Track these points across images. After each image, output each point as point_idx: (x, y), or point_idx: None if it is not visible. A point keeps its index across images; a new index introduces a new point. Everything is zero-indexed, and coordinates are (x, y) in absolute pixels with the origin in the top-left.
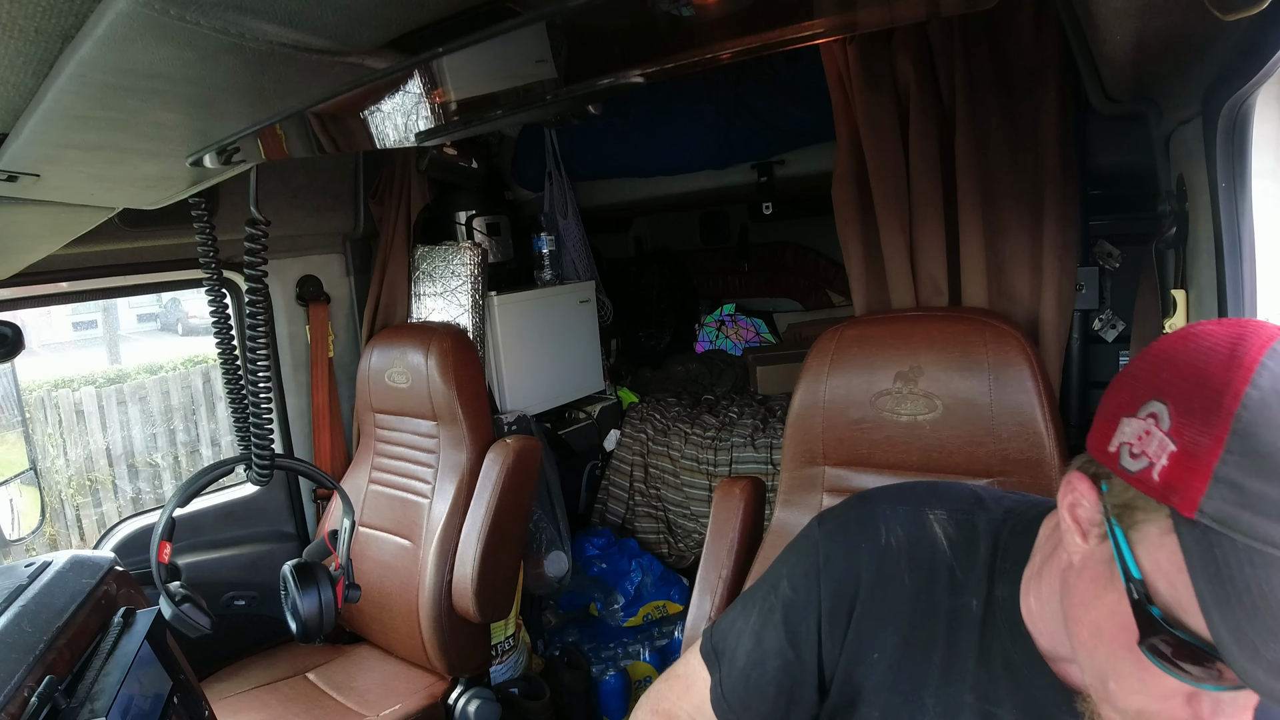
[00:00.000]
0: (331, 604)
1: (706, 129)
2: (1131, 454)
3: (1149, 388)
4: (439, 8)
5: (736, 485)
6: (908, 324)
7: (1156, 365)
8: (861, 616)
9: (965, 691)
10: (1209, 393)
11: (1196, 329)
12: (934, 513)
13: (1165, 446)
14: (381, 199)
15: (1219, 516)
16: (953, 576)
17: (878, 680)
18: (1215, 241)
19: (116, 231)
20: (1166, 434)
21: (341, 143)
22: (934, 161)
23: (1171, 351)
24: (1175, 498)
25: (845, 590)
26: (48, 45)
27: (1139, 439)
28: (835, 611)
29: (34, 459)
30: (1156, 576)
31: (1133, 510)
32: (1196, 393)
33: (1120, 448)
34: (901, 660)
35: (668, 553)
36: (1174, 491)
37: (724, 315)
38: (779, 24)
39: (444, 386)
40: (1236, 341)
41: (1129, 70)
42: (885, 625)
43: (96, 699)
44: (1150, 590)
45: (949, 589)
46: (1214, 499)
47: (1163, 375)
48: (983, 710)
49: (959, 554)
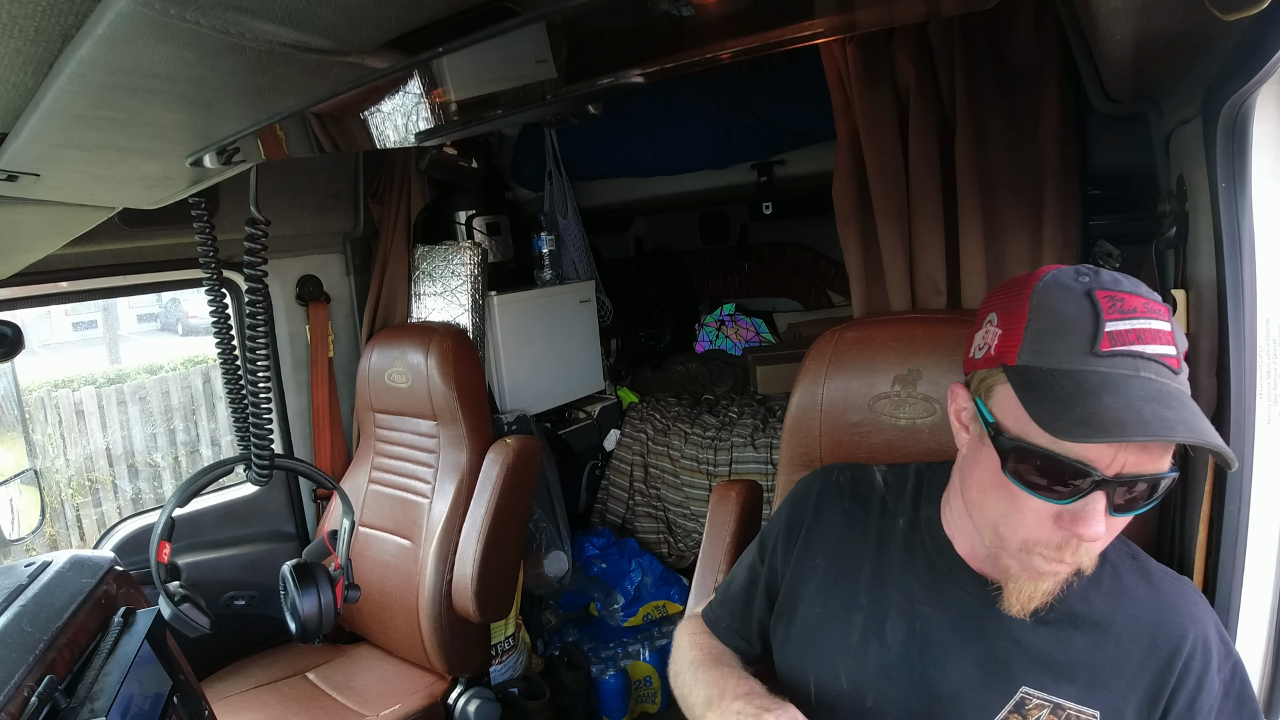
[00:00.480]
0: (331, 604)
1: (706, 129)
2: (977, 349)
3: (987, 307)
4: (439, 8)
5: (733, 488)
6: (906, 326)
7: (992, 295)
8: (808, 535)
9: (893, 590)
10: (1015, 294)
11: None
12: (879, 468)
13: (995, 334)
14: (381, 199)
15: (1029, 358)
16: (884, 504)
17: (816, 585)
18: (1215, 241)
19: (116, 231)
20: (995, 326)
21: (341, 142)
22: (934, 161)
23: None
24: (1005, 357)
25: (798, 516)
26: (48, 45)
27: (982, 339)
28: (790, 531)
29: (34, 459)
30: (1003, 415)
31: (983, 382)
32: (1010, 299)
33: (973, 351)
34: (840, 567)
35: (667, 552)
36: (1003, 355)
37: (724, 315)
38: (779, 24)
39: (444, 386)
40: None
41: (1129, 70)
42: (827, 537)
43: (96, 699)
44: (1000, 426)
45: (880, 513)
46: (1025, 350)
47: (992, 299)
48: (907, 607)
49: (891, 489)
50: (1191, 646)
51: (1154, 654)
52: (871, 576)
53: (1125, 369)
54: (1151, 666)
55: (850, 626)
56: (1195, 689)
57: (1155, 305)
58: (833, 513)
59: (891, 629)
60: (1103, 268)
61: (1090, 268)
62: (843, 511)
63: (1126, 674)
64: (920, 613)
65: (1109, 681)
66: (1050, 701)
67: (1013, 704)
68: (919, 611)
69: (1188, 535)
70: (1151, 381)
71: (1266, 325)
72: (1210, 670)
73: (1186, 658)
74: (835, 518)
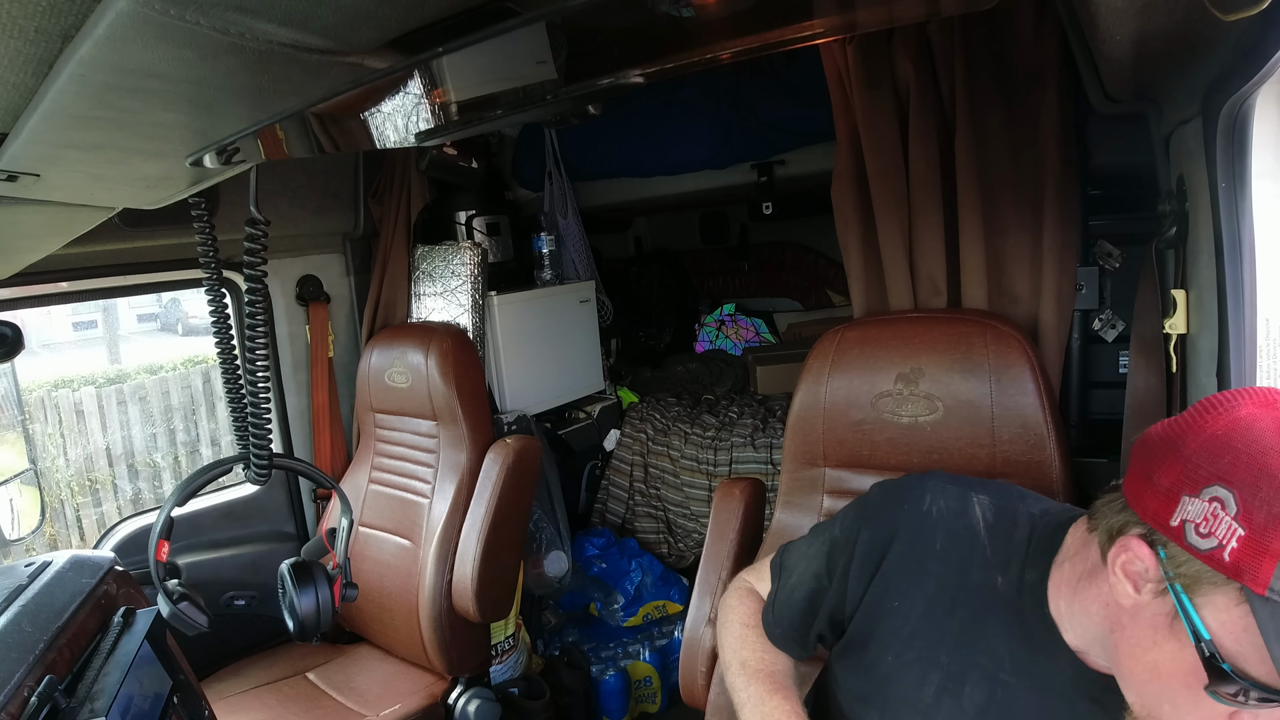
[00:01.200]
0: (329, 603)
1: (706, 129)
2: (1199, 533)
3: (1207, 472)
4: (439, 7)
5: (736, 486)
6: (908, 325)
7: (1213, 451)
8: (891, 567)
9: (978, 654)
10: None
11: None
12: (978, 496)
13: (1234, 530)
14: (381, 199)
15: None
16: (984, 554)
17: (893, 628)
18: (1215, 241)
19: (116, 231)
20: (1234, 519)
21: (341, 143)
22: (934, 161)
23: (1226, 437)
24: (1246, 576)
25: (880, 540)
26: (48, 45)
27: (1204, 520)
28: (868, 556)
29: (34, 459)
30: (1223, 636)
31: (1199, 582)
32: (1263, 483)
33: (1184, 525)
34: (923, 617)
35: (667, 552)
36: (1244, 571)
37: (724, 315)
38: (779, 24)
39: (444, 386)
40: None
41: (1129, 70)
42: (912, 582)
43: (96, 699)
44: (1218, 647)
45: (979, 564)
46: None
47: (1222, 461)
48: (991, 673)
49: (994, 535)
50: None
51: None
52: (958, 635)
53: None
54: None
55: (925, 683)
56: None
57: None
58: (925, 551)
59: (970, 693)
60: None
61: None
62: (934, 555)
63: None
64: (1005, 682)
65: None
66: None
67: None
68: (1003, 681)
69: None
70: None
71: (1266, 325)
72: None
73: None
74: (925, 560)
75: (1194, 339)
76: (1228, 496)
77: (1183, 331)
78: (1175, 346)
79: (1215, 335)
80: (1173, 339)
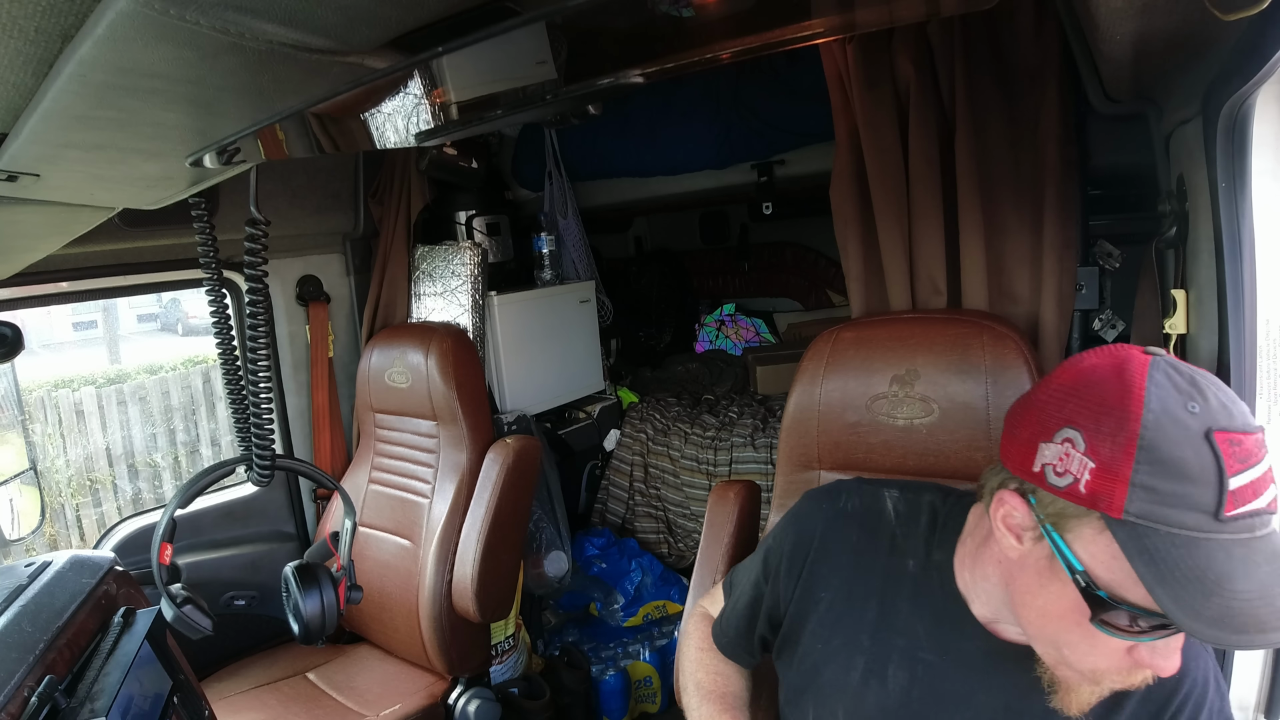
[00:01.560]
0: (334, 605)
1: (706, 129)
2: (1056, 473)
3: (1057, 418)
4: (439, 7)
5: (731, 489)
6: (904, 326)
7: (1060, 398)
8: (814, 563)
9: (897, 636)
10: (1114, 417)
11: (1085, 365)
12: (889, 491)
13: (1085, 464)
14: (381, 199)
15: (1142, 514)
16: (894, 541)
17: (819, 620)
18: (1215, 241)
19: (116, 231)
20: (1084, 454)
21: (341, 143)
22: (934, 161)
23: (1071, 385)
24: (1102, 504)
25: (804, 540)
26: (48, 45)
27: (1059, 460)
28: (795, 557)
29: (34, 459)
30: (1095, 566)
31: (1065, 517)
32: (1104, 418)
33: (1044, 468)
34: (845, 606)
35: (668, 552)
36: (1100, 499)
37: (724, 315)
38: (779, 24)
39: (444, 386)
40: (1120, 370)
41: (1129, 70)
42: (833, 572)
43: (96, 699)
44: (1092, 577)
45: (889, 551)
46: (1135, 501)
47: (1069, 406)
48: (911, 653)
49: (904, 523)
50: (1189, 688)
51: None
52: (877, 618)
53: (1244, 532)
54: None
55: (851, 667)
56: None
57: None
58: (840, 546)
59: (894, 674)
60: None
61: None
62: (850, 546)
63: None
64: (925, 660)
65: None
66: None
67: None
68: (923, 659)
69: None
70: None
71: (1266, 325)
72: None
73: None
74: (842, 552)
75: (1194, 339)
76: (1076, 436)
77: (1183, 331)
78: (1175, 346)
79: (1215, 335)
80: (1173, 339)
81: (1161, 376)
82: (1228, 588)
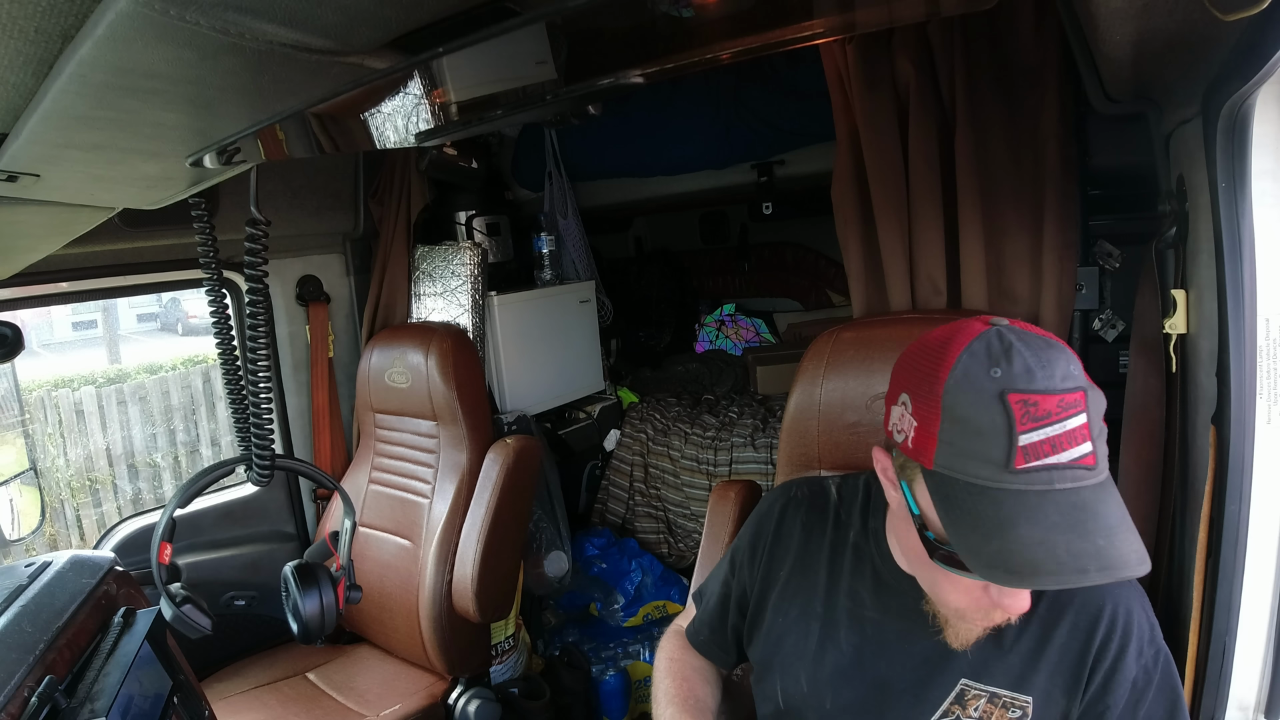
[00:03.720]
0: (333, 605)
1: (706, 129)
2: (897, 431)
3: (900, 384)
4: (439, 8)
5: (731, 489)
6: (904, 327)
7: (904, 366)
8: (771, 546)
9: (844, 599)
10: (928, 383)
11: (926, 335)
12: (833, 479)
13: (910, 424)
14: (381, 199)
15: (945, 465)
16: (837, 517)
17: (779, 595)
18: (1215, 241)
19: (116, 231)
20: (910, 415)
21: (341, 143)
22: (934, 161)
23: (912, 354)
24: (921, 457)
25: (762, 529)
26: (48, 45)
27: (898, 421)
28: (755, 545)
29: (34, 459)
30: (926, 509)
31: (905, 469)
32: (923, 384)
33: (892, 429)
34: (800, 579)
35: (668, 552)
36: (919, 453)
37: (724, 315)
38: (779, 24)
39: (444, 386)
40: (946, 341)
41: (1129, 70)
42: (786, 552)
43: (96, 699)
44: (924, 521)
45: (833, 525)
46: (941, 454)
47: (903, 374)
48: (857, 614)
49: (844, 500)
50: (1110, 621)
51: (1075, 633)
52: (826, 586)
53: (1040, 484)
54: (1073, 646)
55: (809, 634)
56: (1112, 668)
57: (1070, 399)
58: (792, 527)
59: (845, 635)
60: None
61: (1002, 347)
62: (801, 525)
63: (1052, 656)
64: (871, 619)
65: (1038, 665)
66: (987, 691)
67: (953, 696)
68: (868, 618)
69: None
70: (1067, 493)
71: (1266, 325)
72: (1129, 651)
73: (1105, 634)
74: (795, 532)
75: (1194, 339)
76: (907, 399)
77: (1183, 331)
78: (1175, 346)
79: (1215, 335)
80: (1173, 339)
81: (980, 345)
82: (1010, 532)
